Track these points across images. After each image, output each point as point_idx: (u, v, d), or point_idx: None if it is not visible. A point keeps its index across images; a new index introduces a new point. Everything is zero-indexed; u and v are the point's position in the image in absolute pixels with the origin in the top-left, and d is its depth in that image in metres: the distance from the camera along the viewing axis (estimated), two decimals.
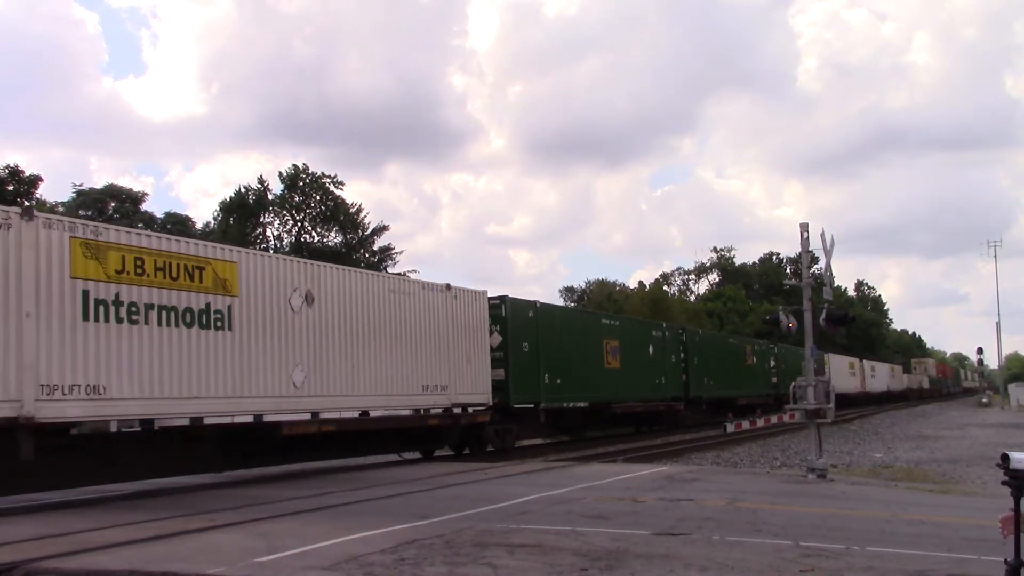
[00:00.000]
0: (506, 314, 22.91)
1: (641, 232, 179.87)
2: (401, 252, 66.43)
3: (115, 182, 67.36)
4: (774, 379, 44.94)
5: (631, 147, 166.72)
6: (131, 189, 59.96)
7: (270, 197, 58.37)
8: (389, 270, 55.20)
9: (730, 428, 21.45)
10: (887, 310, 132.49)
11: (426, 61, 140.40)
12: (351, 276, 17.99)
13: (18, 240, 11.60)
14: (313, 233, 58.80)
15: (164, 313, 13.52)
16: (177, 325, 13.69)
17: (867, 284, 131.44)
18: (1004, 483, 4.46)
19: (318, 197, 58.73)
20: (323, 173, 59.32)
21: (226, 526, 10.07)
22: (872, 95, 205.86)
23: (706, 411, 36.20)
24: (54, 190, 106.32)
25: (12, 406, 11.36)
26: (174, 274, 13.74)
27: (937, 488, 16.77)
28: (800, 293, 17.01)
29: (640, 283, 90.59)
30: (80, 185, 56.64)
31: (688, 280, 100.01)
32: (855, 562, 7.85)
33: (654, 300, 70.38)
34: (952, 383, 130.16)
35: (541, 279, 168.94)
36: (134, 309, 13.05)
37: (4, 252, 11.46)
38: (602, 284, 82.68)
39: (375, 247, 60.40)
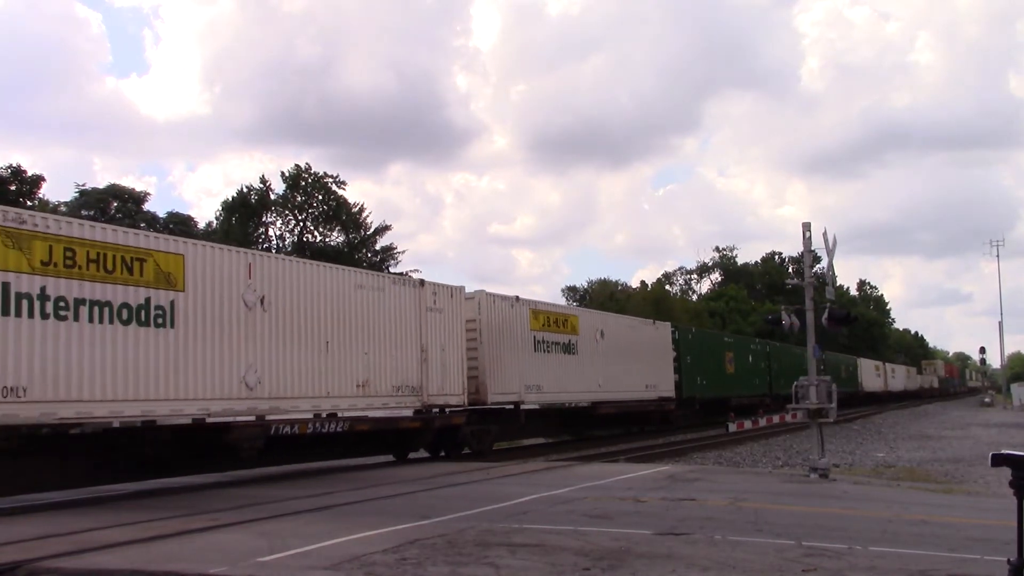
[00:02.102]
0: (678, 337, 33.96)
1: (644, 232, 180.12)
2: (403, 252, 66.31)
3: (118, 182, 67.35)
4: None
5: (634, 146, 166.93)
6: (133, 189, 59.95)
7: (272, 197, 58.40)
8: (391, 270, 55.22)
9: (732, 428, 21.43)
10: (889, 310, 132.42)
11: (429, 61, 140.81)
12: (615, 318, 31.19)
13: (512, 313, 23.27)
14: (315, 233, 58.85)
15: (555, 345, 25.08)
16: (559, 352, 25.23)
17: (869, 284, 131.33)
18: (1011, 483, 4.46)
19: (320, 197, 58.76)
20: (325, 173, 59.40)
21: (228, 526, 10.07)
22: (875, 94, 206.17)
23: (782, 405, 43.03)
24: (57, 190, 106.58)
25: (516, 395, 22.78)
26: (556, 322, 25.42)
27: (940, 488, 16.76)
28: (802, 292, 16.98)
29: (642, 283, 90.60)
30: (83, 185, 56.65)
31: (690, 280, 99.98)
32: (857, 562, 7.84)
33: (656, 300, 70.36)
34: (958, 383, 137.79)
35: (544, 279, 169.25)
36: (548, 344, 24.68)
37: (511, 320, 23.06)
38: (604, 284, 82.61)
39: (377, 247, 60.43)
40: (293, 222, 58.86)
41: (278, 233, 58.75)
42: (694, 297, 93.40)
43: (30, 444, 12.29)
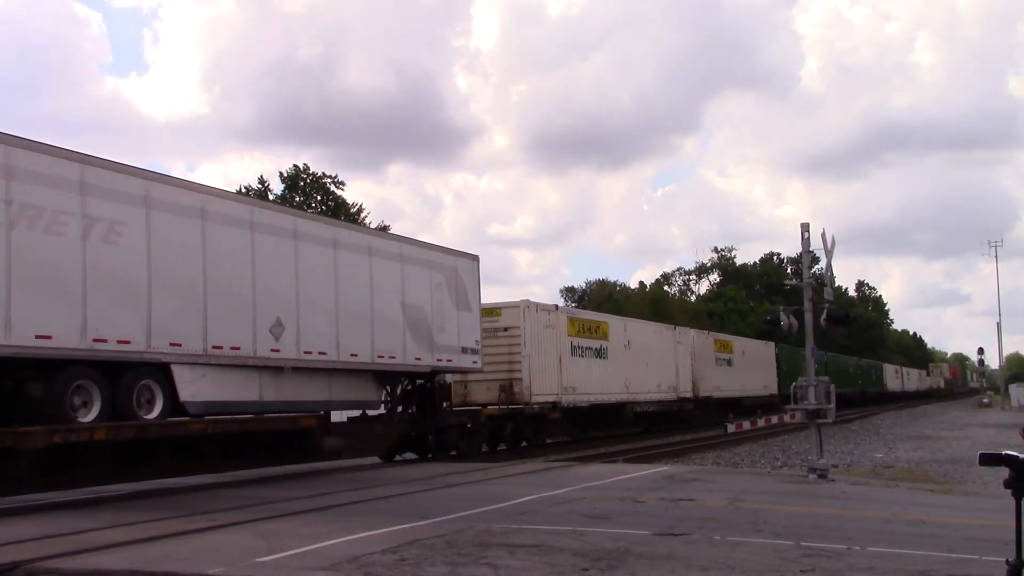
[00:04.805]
0: (777, 352, 48.76)
1: (643, 232, 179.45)
2: None
3: None
4: (860, 381, 70.88)
5: (634, 147, 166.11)
6: None
7: (271, 197, 58.31)
8: None
9: (731, 428, 21.42)
10: (888, 310, 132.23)
11: (429, 61, 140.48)
12: (748, 341, 46.92)
13: (705, 341, 39.41)
14: None
15: (724, 360, 40.72)
16: (725, 365, 40.67)
17: (868, 284, 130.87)
18: (1006, 483, 4.46)
19: (319, 197, 58.66)
20: (324, 173, 59.13)
21: (227, 526, 10.07)
22: (875, 94, 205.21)
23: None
24: None
25: (710, 392, 38.22)
26: (724, 346, 41.50)
27: (938, 488, 16.76)
28: (801, 293, 16.99)
29: (641, 283, 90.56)
30: None
31: (689, 280, 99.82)
32: (856, 562, 7.85)
33: (655, 301, 70.35)
34: (961, 383, 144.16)
35: (543, 279, 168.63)
36: (720, 360, 40.53)
37: (704, 345, 38.85)
38: (602, 284, 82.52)
39: None
40: None
41: None
42: (692, 298, 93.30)
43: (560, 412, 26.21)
